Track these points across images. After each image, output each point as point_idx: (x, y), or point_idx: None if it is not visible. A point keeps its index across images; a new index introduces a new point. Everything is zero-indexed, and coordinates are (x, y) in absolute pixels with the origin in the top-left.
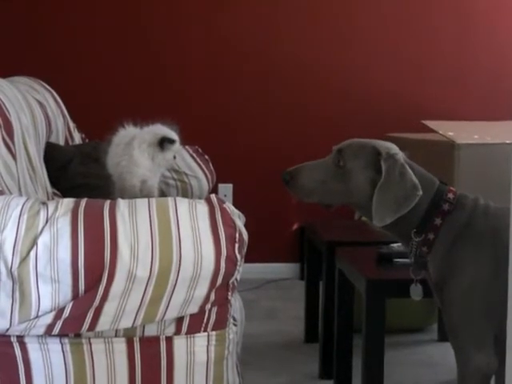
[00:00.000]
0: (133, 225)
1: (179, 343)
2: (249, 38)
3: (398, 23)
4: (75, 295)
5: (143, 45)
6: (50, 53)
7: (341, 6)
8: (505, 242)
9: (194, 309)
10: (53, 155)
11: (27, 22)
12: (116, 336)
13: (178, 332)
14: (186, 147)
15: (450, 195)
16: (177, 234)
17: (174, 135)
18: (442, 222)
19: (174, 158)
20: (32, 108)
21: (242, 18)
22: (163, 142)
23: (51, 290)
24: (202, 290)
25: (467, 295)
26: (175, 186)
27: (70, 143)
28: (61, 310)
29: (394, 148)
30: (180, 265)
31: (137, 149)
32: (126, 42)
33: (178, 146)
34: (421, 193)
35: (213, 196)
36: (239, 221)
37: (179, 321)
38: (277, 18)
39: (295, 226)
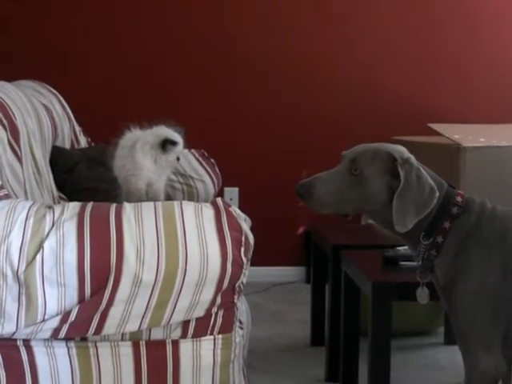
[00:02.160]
0: (139, 229)
1: (185, 347)
2: (254, 42)
3: (404, 26)
4: (81, 299)
5: (149, 49)
6: (56, 56)
7: (347, 9)
8: None
9: (200, 312)
10: (59, 159)
11: (33, 25)
12: (122, 340)
13: (184, 335)
14: (192, 151)
15: (459, 198)
16: (183, 237)
17: (176, 137)
18: (451, 225)
19: (178, 159)
20: (38, 112)
21: (249, 22)
22: (165, 144)
23: (57, 293)
24: (208, 293)
25: (475, 298)
26: (181, 190)
27: (76, 147)
28: (67, 314)
29: (405, 151)
30: (186, 268)
31: (139, 151)
32: (131, 47)
33: (180, 147)
34: (438, 194)
35: (219, 199)
36: (245, 224)
37: (185, 324)
38: (283, 21)
39: (301, 230)
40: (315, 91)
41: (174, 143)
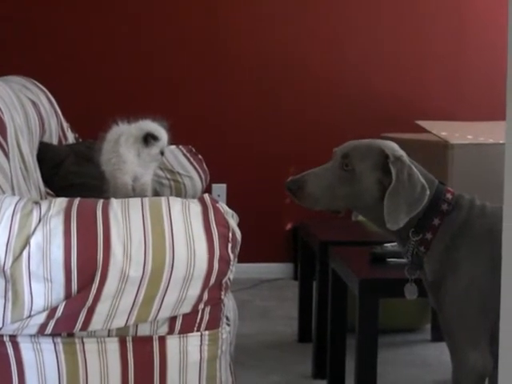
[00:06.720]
0: (126, 224)
1: (172, 343)
2: (244, 39)
3: (392, 23)
4: (68, 295)
5: (137, 44)
6: (43, 52)
7: (336, 7)
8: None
9: (187, 308)
10: (46, 155)
11: (20, 21)
12: (109, 336)
13: (171, 332)
14: (180, 147)
15: (449, 195)
16: (170, 233)
17: (160, 131)
18: (441, 222)
19: (163, 154)
20: (25, 107)
21: (238, 19)
22: (147, 138)
23: (44, 289)
24: (194, 289)
25: (464, 295)
26: (169, 186)
27: (64, 143)
28: (53, 310)
29: (397, 148)
30: (173, 264)
31: (123, 145)
32: (119, 42)
33: (163, 142)
34: (429, 193)
35: (206, 195)
36: (232, 220)
37: (172, 320)
38: (272, 19)
39: (289, 226)
40: (303, 89)
41: (155, 138)
